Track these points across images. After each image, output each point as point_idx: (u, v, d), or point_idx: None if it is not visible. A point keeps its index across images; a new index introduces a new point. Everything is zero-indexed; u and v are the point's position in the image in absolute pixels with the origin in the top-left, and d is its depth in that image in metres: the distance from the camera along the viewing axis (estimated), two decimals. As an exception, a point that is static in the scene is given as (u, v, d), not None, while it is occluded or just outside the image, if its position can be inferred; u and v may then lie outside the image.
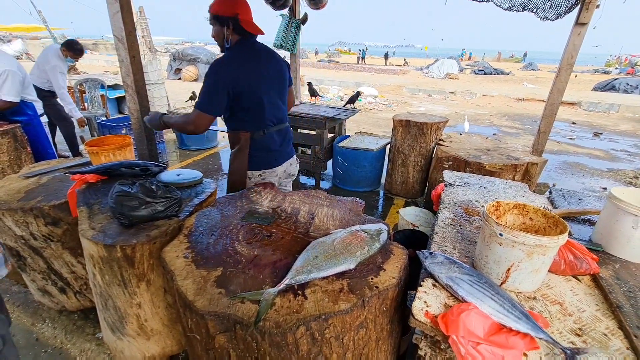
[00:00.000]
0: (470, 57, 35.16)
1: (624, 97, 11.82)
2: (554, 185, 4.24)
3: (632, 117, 9.77)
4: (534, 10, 3.31)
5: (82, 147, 3.95)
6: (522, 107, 10.68)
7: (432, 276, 1.03)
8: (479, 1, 3.51)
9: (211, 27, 1.63)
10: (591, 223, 1.42)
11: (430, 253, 1.07)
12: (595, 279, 1.07)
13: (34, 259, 1.73)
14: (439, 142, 3.35)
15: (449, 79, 16.97)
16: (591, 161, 5.65)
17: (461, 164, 2.94)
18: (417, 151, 3.51)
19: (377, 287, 0.99)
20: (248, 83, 1.56)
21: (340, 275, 1.03)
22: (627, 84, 13.24)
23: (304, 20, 4.17)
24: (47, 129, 3.33)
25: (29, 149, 2.76)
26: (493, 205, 1.10)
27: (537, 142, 3.56)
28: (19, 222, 1.61)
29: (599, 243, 1.23)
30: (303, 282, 0.98)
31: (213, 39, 1.64)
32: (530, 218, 1.10)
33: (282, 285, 0.96)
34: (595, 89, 13.95)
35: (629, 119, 9.43)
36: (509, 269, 0.98)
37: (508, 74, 20.39)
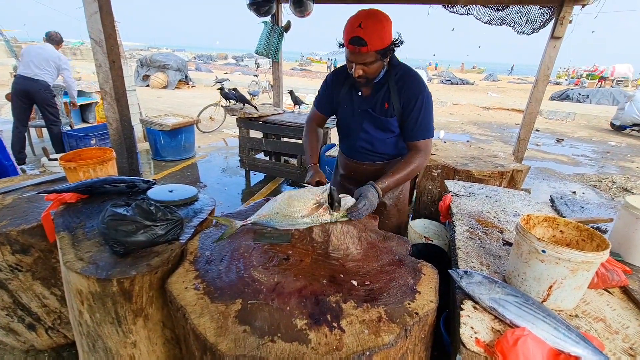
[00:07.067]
0: (436, 68, 36.72)
1: (578, 106, 12.79)
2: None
3: (587, 124, 10.57)
4: (512, 25, 3.46)
5: (44, 160, 3.58)
6: (489, 116, 11.22)
7: (470, 297, 0.97)
8: (460, 14, 3.63)
9: (354, 64, 1.33)
10: (600, 231, 1.43)
11: (466, 272, 1.01)
12: (626, 291, 1.06)
13: (-3, 293, 1.48)
14: (427, 151, 3.37)
15: (419, 88, 17.52)
16: (558, 166, 5.99)
17: (450, 172, 2.96)
18: (405, 160, 3.51)
19: (417, 314, 0.91)
20: None
21: (373, 301, 0.94)
22: (579, 94, 14.38)
23: (287, 27, 4.10)
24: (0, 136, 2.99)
25: (-15, 163, 2.45)
26: (523, 219, 1.07)
27: (517, 149, 3.70)
28: (-21, 251, 1.37)
29: (617, 252, 1.23)
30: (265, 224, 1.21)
31: (363, 74, 1.36)
32: (561, 231, 1.08)
33: (248, 223, 1.20)
34: (553, 98, 15.01)
35: (584, 126, 10.18)
36: (550, 287, 0.93)
37: (472, 84, 21.44)
